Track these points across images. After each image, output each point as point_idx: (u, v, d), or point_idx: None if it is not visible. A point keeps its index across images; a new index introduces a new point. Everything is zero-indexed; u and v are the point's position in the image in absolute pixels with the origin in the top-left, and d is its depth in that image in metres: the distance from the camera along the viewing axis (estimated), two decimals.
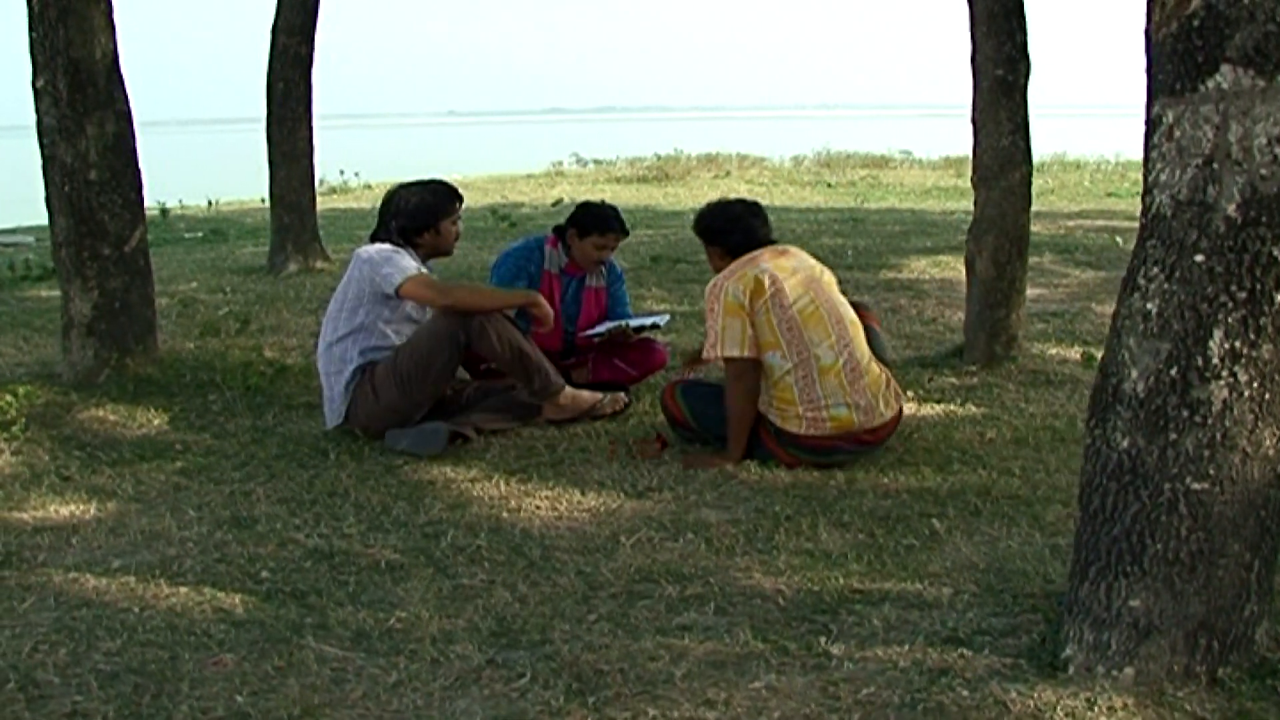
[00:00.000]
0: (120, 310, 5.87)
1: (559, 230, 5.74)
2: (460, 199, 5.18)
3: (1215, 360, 2.62)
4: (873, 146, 28.02)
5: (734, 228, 4.68)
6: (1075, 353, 6.45)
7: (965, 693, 2.69)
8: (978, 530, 3.86)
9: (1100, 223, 12.01)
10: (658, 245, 10.67)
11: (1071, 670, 2.77)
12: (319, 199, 10.30)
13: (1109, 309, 7.68)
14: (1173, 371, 2.66)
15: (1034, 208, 6.25)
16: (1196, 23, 2.60)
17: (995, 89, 5.85)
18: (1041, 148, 11.74)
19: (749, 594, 3.37)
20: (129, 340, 5.92)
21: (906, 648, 2.96)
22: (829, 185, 19.57)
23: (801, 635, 3.07)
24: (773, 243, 4.71)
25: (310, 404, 5.56)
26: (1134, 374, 2.71)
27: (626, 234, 5.76)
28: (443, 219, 5.06)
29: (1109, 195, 16.40)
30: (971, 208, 6.18)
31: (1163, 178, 2.69)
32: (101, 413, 5.38)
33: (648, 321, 5.78)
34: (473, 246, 10.56)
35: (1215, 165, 2.60)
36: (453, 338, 4.78)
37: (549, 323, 5.06)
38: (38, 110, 5.73)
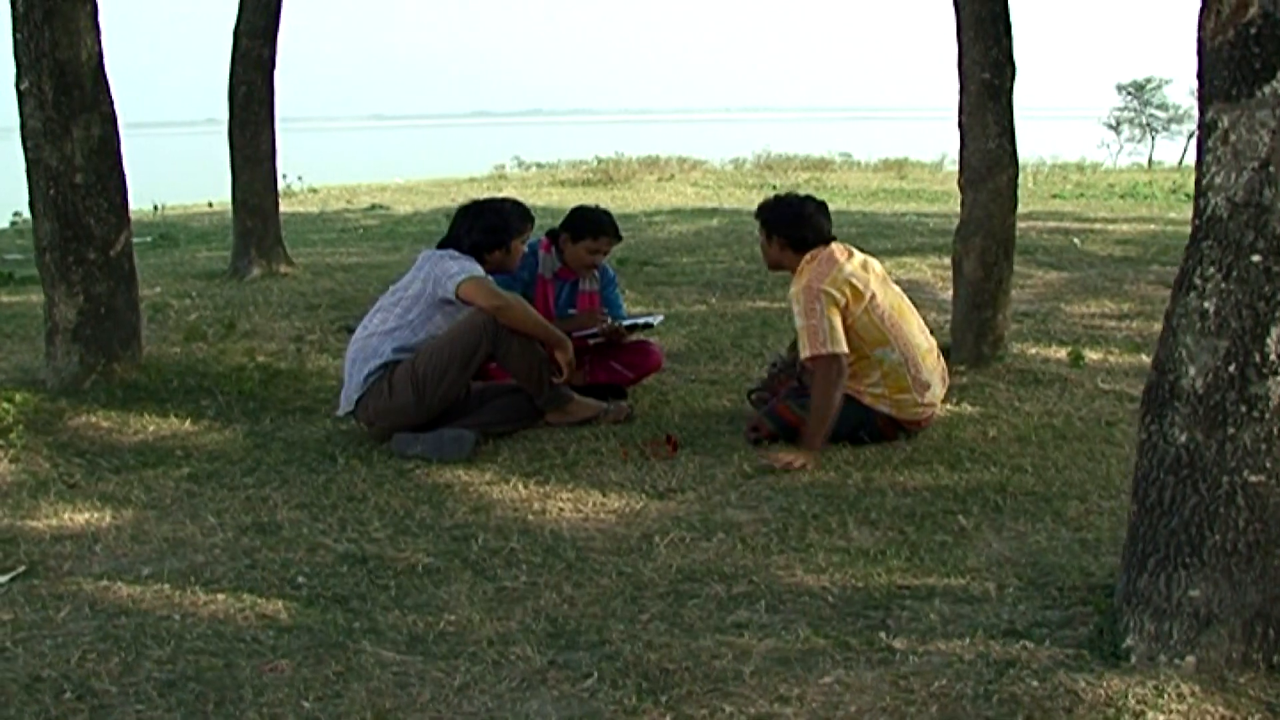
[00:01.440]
0: (105, 315, 5.77)
1: (552, 234, 5.75)
2: (532, 220, 5.29)
3: (1273, 357, 2.71)
4: (810, 149, 28.25)
5: (807, 224, 4.90)
6: (1055, 352, 6.57)
7: (1035, 683, 2.75)
8: (1004, 526, 3.94)
9: (1052, 224, 12.22)
10: (620, 248, 10.61)
11: (1134, 660, 2.84)
12: None
13: (1078, 309, 7.87)
14: (1231, 368, 2.74)
15: None
16: (1254, 30, 2.69)
17: (982, 93, 5.95)
18: None
19: (796, 591, 3.41)
20: (114, 346, 5.82)
21: (967, 641, 3.01)
22: (774, 188, 19.67)
23: (860, 630, 3.11)
24: (834, 239, 4.93)
25: (306, 408, 5.52)
26: (1192, 371, 2.79)
27: (620, 239, 5.78)
28: (514, 238, 5.18)
29: (1054, 197, 16.69)
30: (922, 210, 6.29)
31: (1218, 180, 2.77)
32: (94, 419, 5.30)
33: (641, 321, 5.81)
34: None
35: (1271, 168, 2.69)
36: (476, 340, 4.78)
37: (568, 371, 5.07)
38: (22, 113, 5.62)
